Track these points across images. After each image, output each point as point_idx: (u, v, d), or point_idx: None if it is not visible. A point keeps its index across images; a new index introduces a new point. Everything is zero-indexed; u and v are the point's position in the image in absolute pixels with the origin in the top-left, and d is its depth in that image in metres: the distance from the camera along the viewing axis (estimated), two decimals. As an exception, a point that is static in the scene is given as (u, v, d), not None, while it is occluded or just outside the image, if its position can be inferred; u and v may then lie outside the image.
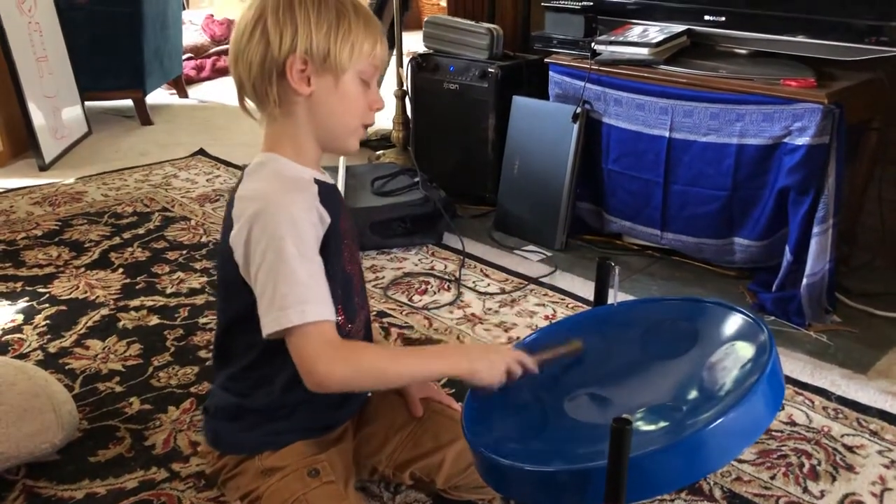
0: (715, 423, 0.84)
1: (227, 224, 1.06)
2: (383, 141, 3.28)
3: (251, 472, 1.12)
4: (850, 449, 1.46)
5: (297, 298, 0.97)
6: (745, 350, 0.99)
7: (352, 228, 1.17)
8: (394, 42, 2.88)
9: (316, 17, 1.01)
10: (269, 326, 0.98)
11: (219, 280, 1.16)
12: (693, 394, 0.99)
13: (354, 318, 1.14)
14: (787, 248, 1.93)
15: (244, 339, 1.09)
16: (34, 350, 1.78)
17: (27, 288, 2.08)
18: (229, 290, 1.09)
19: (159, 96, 4.17)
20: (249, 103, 1.08)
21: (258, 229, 0.99)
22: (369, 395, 1.28)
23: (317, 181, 1.08)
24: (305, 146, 1.08)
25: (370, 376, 1.04)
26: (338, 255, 1.09)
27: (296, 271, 0.97)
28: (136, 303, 2.00)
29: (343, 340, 1.01)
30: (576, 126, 2.23)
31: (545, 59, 2.36)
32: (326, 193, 1.07)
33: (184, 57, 4.36)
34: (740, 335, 1.03)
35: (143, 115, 3.73)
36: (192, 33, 4.86)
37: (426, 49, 2.72)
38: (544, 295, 2.07)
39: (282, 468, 1.10)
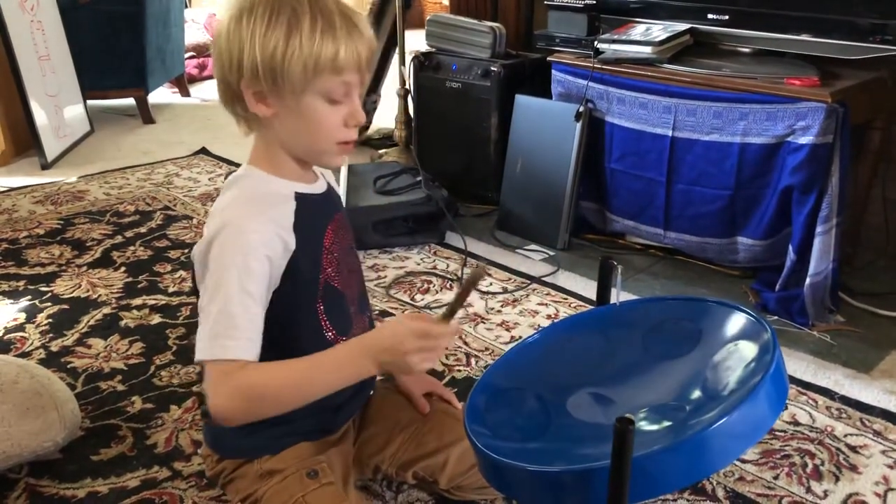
0: (718, 423, 0.83)
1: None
2: (386, 140, 3.28)
3: (250, 476, 1.11)
4: (853, 449, 1.46)
5: (222, 332, 0.93)
6: (749, 349, 0.99)
7: (345, 237, 1.12)
8: (396, 41, 2.88)
9: (262, 34, 0.92)
10: (197, 353, 0.95)
11: (192, 290, 1.14)
12: (696, 393, 0.98)
13: (348, 331, 1.11)
14: (790, 248, 1.92)
15: None
16: (36, 349, 1.78)
17: (29, 286, 2.08)
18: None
19: (161, 95, 4.18)
20: None
21: (214, 251, 0.96)
22: (371, 394, 1.28)
23: (298, 196, 1.03)
24: (282, 161, 1.03)
25: (268, 400, 0.95)
26: (314, 274, 1.05)
27: (231, 304, 0.93)
28: (137, 301, 2.00)
29: (242, 365, 0.93)
30: (578, 125, 2.23)
31: (548, 58, 2.35)
32: (309, 207, 1.03)
33: (186, 55, 4.36)
34: (744, 335, 1.02)
35: (146, 114, 3.73)
36: (195, 32, 4.86)
37: (429, 48, 2.71)
38: (547, 294, 2.07)
39: (281, 470, 1.10)
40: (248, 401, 0.94)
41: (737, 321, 1.06)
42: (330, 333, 1.08)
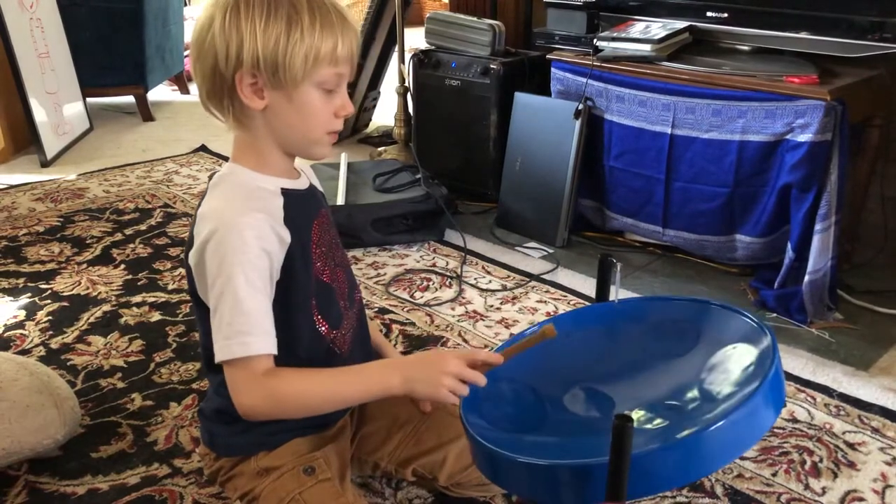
0: (716, 426, 0.84)
1: (189, 241, 1.03)
2: (385, 137, 3.28)
3: (248, 473, 1.11)
4: (851, 446, 1.46)
5: (240, 329, 0.95)
6: (749, 353, 0.99)
7: (329, 232, 1.12)
8: (395, 38, 2.88)
9: (263, 27, 0.93)
10: (217, 354, 0.97)
11: (192, 295, 1.12)
12: (694, 394, 0.99)
13: (339, 324, 1.11)
14: (788, 246, 1.92)
15: None
16: (36, 346, 1.78)
17: (29, 284, 2.08)
18: (198, 304, 1.07)
19: (161, 92, 4.17)
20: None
21: (210, 252, 0.96)
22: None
23: (284, 191, 1.03)
24: (269, 156, 1.03)
25: (295, 406, 1.01)
26: (307, 268, 1.05)
27: (242, 301, 0.95)
28: (137, 299, 2.00)
29: (273, 370, 0.97)
30: (578, 123, 2.23)
31: (547, 56, 2.35)
32: (295, 202, 1.04)
33: (185, 53, 4.36)
34: (744, 338, 1.03)
35: (145, 112, 3.73)
36: (194, 29, 4.86)
37: (428, 45, 2.71)
38: (546, 292, 2.07)
39: (277, 467, 1.10)
40: (278, 404, 0.99)
41: (738, 325, 1.06)
42: (323, 328, 1.09)
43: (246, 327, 0.95)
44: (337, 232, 1.16)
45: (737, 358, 1.00)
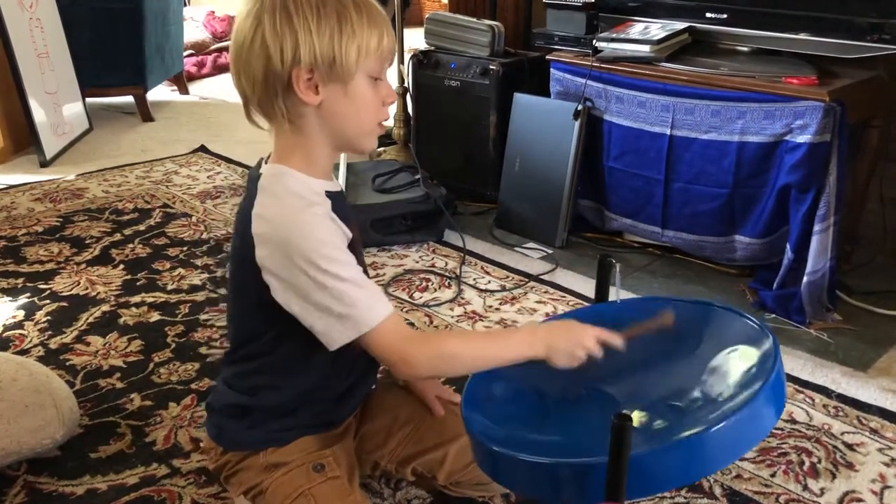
0: (717, 427, 0.84)
1: (245, 239, 1.02)
2: (384, 138, 3.28)
3: (255, 468, 1.12)
4: (850, 447, 1.47)
5: (363, 304, 0.98)
6: (750, 355, 0.99)
7: (357, 232, 1.15)
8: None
9: (316, 24, 0.96)
10: (343, 337, 0.99)
11: (233, 288, 1.14)
12: (696, 395, 0.99)
13: None
14: (787, 246, 1.93)
15: (257, 347, 1.10)
16: (35, 346, 1.78)
17: (28, 284, 2.08)
18: (244, 299, 1.09)
19: (160, 93, 4.17)
20: (257, 114, 1.04)
21: (296, 258, 0.97)
22: (373, 388, 1.28)
23: (328, 194, 1.06)
24: (318, 156, 1.05)
25: (452, 361, 1.04)
26: (359, 262, 1.08)
27: (350, 279, 0.98)
28: (136, 299, 2.00)
29: (417, 331, 1.03)
30: (577, 123, 2.23)
31: (546, 57, 2.35)
32: (338, 204, 1.07)
33: (185, 53, 4.36)
34: (746, 340, 1.03)
35: (144, 112, 3.73)
36: (194, 30, 4.86)
37: (427, 46, 2.71)
38: (545, 292, 2.07)
39: (286, 463, 1.11)
40: (443, 361, 1.03)
41: (740, 327, 1.06)
42: None
43: (366, 300, 0.99)
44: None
45: (739, 360, 1.00)
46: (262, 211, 1.02)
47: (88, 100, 3.54)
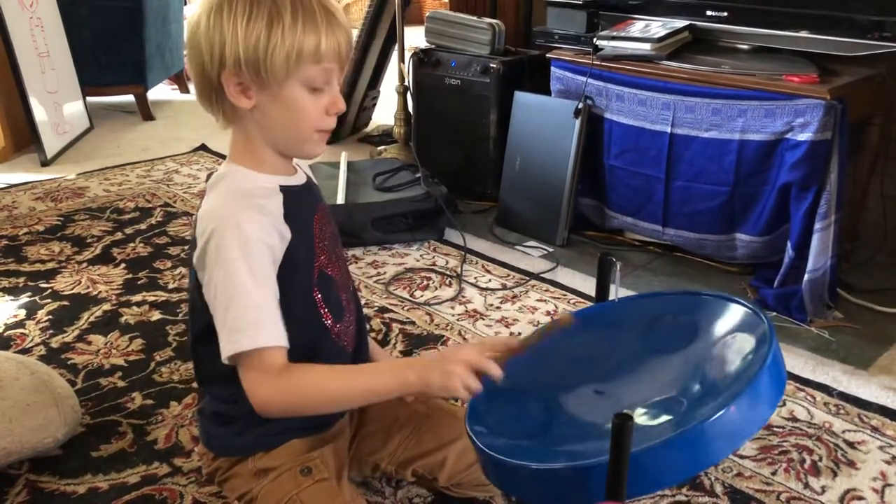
0: (715, 417, 0.84)
1: (192, 243, 1.02)
2: (385, 136, 3.28)
3: (245, 474, 1.12)
4: (851, 445, 1.47)
5: (249, 322, 0.94)
6: (746, 341, 0.99)
7: (329, 225, 1.12)
8: (395, 37, 2.87)
9: (244, 26, 0.92)
10: (224, 350, 0.96)
11: (189, 305, 1.12)
12: (695, 387, 0.99)
13: (342, 317, 1.12)
14: (788, 244, 1.93)
15: (212, 356, 1.02)
16: (36, 345, 1.78)
17: (29, 283, 2.08)
18: (193, 308, 1.07)
19: (161, 91, 4.17)
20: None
21: (213, 249, 0.96)
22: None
23: (283, 188, 1.03)
24: (264, 155, 1.03)
25: (311, 402, 1.00)
26: (310, 262, 1.06)
27: (249, 293, 0.94)
28: (137, 298, 2.00)
29: (289, 366, 0.96)
30: (577, 122, 2.23)
31: (547, 55, 2.35)
32: (295, 198, 1.04)
33: (185, 52, 4.36)
34: (740, 326, 1.02)
35: (145, 111, 3.73)
36: (194, 28, 4.86)
37: (428, 44, 2.71)
38: (546, 291, 2.07)
39: (275, 468, 1.10)
40: (295, 400, 0.98)
41: (733, 313, 1.06)
42: (329, 321, 1.09)
43: (254, 319, 0.94)
44: (335, 225, 1.17)
45: (735, 347, 1.00)
46: (203, 211, 1.01)
47: (89, 99, 3.54)
